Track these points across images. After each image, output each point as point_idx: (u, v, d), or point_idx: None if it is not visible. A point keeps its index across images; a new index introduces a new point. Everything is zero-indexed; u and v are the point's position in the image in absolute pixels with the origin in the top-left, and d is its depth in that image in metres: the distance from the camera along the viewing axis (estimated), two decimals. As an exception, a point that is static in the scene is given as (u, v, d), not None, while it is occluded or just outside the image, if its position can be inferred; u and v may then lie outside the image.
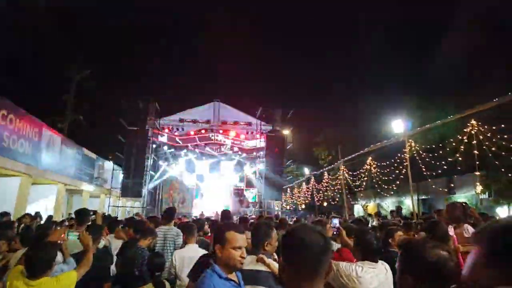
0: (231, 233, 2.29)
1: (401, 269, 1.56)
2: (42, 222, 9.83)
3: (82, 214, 4.73)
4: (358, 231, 3.22)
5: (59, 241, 3.40)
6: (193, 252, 4.17)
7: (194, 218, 11.79)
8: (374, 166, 12.36)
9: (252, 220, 7.64)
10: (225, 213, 5.74)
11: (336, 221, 3.57)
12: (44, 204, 13.00)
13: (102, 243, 4.90)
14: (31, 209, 11.29)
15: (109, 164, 20.17)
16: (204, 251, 4.24)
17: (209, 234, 6.13)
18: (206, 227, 6.72)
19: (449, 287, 1.45)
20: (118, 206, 20.11)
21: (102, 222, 5.42)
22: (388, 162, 11.76)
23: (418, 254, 1.51)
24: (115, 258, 4.55)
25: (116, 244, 5.05)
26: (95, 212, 5.18)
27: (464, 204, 4.17)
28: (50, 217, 10.72)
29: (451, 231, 3.68)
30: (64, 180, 14.28)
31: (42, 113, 14.63)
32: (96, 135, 21.40)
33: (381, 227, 5.14)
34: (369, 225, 6.53)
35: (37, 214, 10.76)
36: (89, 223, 4.71)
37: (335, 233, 3.51)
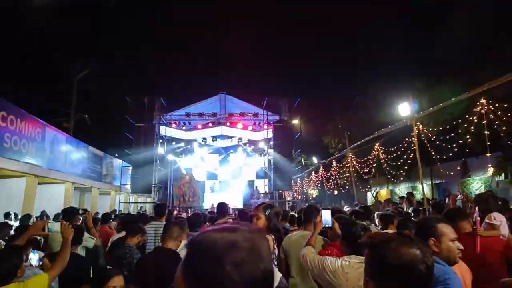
0: (443, 225, 2.23)
1: (365, 271, 1.33)
2: (50, 221, 9.87)
3: (69, 213, 4.59)
4: (344, 223, 2.97)
5: (38, 237, 3.25)
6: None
7: (198, 212, 11.78)
8: (382, 151, 11.97)
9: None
10: (221, 206, 5.54)
11: (326, 213, 3.28)
12: (52, 203, 13.07)
13: (91, 243, 4.78)
14: (39, 209, 11.35)
15: (117, 162, 20.25)
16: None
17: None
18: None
19: None
20: (129, 203, 20.28)
21: (93, 221, 5.29)
22: (396, 147, 11.35)
23: (380, 254, 1.24)
24: None
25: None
26: (85, 211, 5.04)
27: (489, 192, 4.13)
28: (57, 215, 10.74)
29: (476, 214, 3.57)
30: (71, 179, 14.34)
31: (46, 114, 14.75)
32: (103, 133, 21.53)
33: (381, 217, 4.85)
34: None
35: (43, 213, 10.82)
36: (78, 222, 4.57)
37: (325, 227, 3.24)
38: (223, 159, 25.59)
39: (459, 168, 16.51)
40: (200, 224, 5.49)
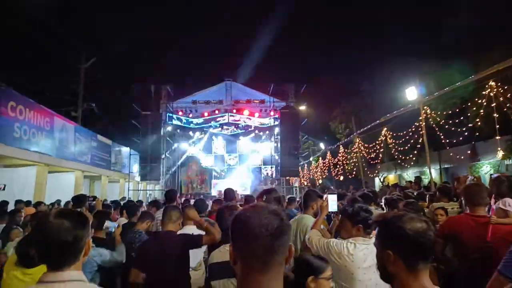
0: None
1: (381, 245, 1.54)
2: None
3: (79, 200, 4.69)
4: (346, 203, 2.99)
5: None
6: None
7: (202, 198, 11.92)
8: (389, 136, 11.90)
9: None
10: (228, 192, 5.59)
11: (333, 197, 3.27)
12: (63, 191, 13.30)
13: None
14: (50, 198, 11.57)
15: (126, 150, 20.45)
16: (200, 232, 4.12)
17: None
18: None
19: (430, 257, 1.45)
20: (139, 190, 20.54)
21: (105, 207, 5.40)
22: (404, 132, 11.27)
23: (396, 227, 1.47)
24: None
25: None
26: (95, 198, 5.14)
27: (510, 177, 3.86)
28: (67, 203, 10.94)
29: (492, 202, 3.47)
30: (81, 167, 14.54)
31: (55, 104, 14.87)
32: (111, 122, 21.70)
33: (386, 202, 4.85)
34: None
35: (57, 202, 11.04)
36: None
37: (331, 212, 3.25)
38: (230, 146, 25.71)
39: (468, 152, 16.35)
40: (206, 208, 5.58)
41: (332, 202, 3.21)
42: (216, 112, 22.12)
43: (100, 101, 20.04)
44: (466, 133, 9.86)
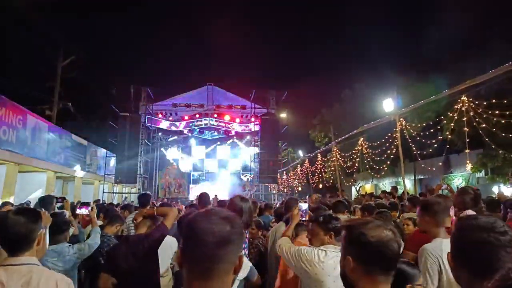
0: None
1: (343, 251, 1.49)
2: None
3: (45, 201, 4.51)
4: (314, 211, 3.00)
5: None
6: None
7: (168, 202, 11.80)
8: (366, 146, 12.09)
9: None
10: (203, 196, 5.50)
11: (304, 206, 3.30)
12: (34, 192, 12.85)
13: (70, 231, 4.72)
14: (20, 198, 11.14)
15: (101, 151, 19.99)
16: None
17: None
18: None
19: (393, 269, 1.38)
20: (114, 193, 20.07)
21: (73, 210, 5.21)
22: (380, 142, 11.48)
23: (358, 234, 1.41)
24: None
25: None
26: (63, 199, 4.95)
27: (477, 190, 3.75)
28: (37, 204, 10.55)
29: (452, 212, 3.39)
30: (53, 167, 14.09)
31: (29, 101, 14.40)
32: (88, 122, 21.20)
33: (363, 208, 4.93)
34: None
35: (26, 203, 10.58)
36: (54, 211, 4.48)
37: (302, 219, 3.27)
38: (209, 151, 25.55)
39: (441, 164, 16.84)
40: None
41: (303, 210, 3.22)
42: (197, 116, 22.01)
43: (77, 100, 19.56)
44: (436, 146, 10.11)
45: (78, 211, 4.64)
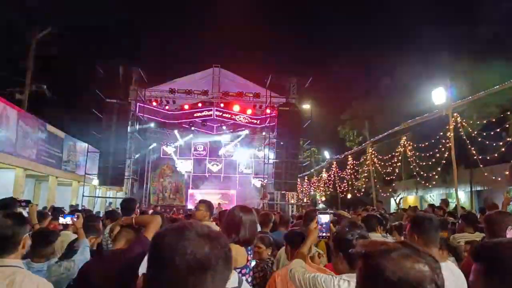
0: None
1: (358, 285, 1.33)
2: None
3: (6, 205, 4.53)
4: (337, 233, 2.88)
5: None
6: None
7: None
8: (410, 148, 11.90)
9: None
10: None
11: (324, 219, 3.17)
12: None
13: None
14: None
15: (82, 145, 20.24)
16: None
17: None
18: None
19: None
20: (96, 197, 20.31)
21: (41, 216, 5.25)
22: (428, 143, 11.29)
23: (376, 267, 1.21)
24: None
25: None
26: (28, 203, 4.98)
27: None
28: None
29: (509, 233, 3.32)
30: (23, 164, 14.31)
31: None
32: (66, 110, 21.43)
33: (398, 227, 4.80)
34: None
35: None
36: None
37: (322, 236, 3.16)
38: (214, 148, 25.59)
39: (507, 172, 16.40)
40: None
41: (323, 224, 3.11)
42: (199, 105, 22.06)
43: (54, 82, 19.79)
44: (500, 149, 9.87)
45: (61, 220, 4.64)
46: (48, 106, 20.30)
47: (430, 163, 11.76)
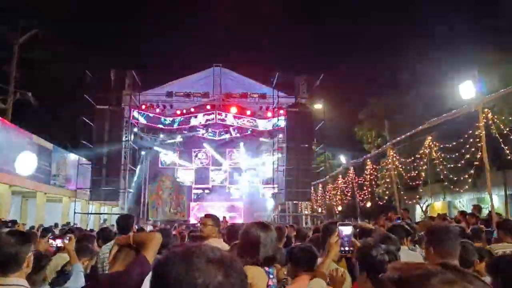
0: None
1: None
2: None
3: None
4: (361, 248, 2.82)
5: None
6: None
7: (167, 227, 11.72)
8: (436, 149, 11.81)
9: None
10: (235, 230, 5.42)
11: (347, 231, 3.09)
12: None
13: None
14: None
15: (72, 157, 20.29)
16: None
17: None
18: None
19: None
20: (89, 213, 20.33)
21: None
22: (456, 143, 11.19)
23: None
24: None
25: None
26: (14, 223, 4.98)
27: None
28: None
29: None
30: (7, 180, 14.36)
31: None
32: (53, 118, 21.50)
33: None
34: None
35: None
36: None
37: (344, 250, 3.07)
38: (217, 156, 25.57)
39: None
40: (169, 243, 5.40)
41: (345, 237, 3.03)
42: (200, 108, 22.03)
43: (39, 89, 19.88)
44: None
45: (51, 243, 4.63)
46: (33, 115, 20.41)
47: (459, 165, 11.65)
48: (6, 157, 14.34)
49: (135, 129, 21.34)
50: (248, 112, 21.72)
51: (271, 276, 2.87)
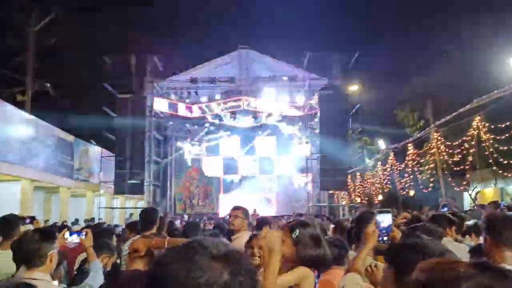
0: None
1: None
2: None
3: (8, 224, 4.59)
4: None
5: None
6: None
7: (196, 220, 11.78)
8: (485, 130, 11.53)
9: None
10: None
11: (385, 220, 3.01)
12: (5, 209, 13.49)
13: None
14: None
15: (95, 150, 20.65)
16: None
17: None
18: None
19: None
20: (113, 208, 20.74)
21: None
22: (507, 124, 10.93)
23: None
24: None
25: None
26: (33, 219, 5.08)
27: None
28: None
29: None
30: (30, 175, 14.68)
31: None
32: (74, 109, 21.83)
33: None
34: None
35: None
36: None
37: (383, 241, 2.98)
38: (246, 145, 25.59)
39: None
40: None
41: (384, 226, 2.95)
42: (226, 95, 22.04)
43: (58, 79, 20.21)
44: None
45: (67, 238, 4.72)
46: (52, 106, 20.71)
47: (511, 147, 11.38)
48: (28, 151, 14.62)
49: (159, 119, 21.54)
50: (278, 97, 21.58)
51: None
